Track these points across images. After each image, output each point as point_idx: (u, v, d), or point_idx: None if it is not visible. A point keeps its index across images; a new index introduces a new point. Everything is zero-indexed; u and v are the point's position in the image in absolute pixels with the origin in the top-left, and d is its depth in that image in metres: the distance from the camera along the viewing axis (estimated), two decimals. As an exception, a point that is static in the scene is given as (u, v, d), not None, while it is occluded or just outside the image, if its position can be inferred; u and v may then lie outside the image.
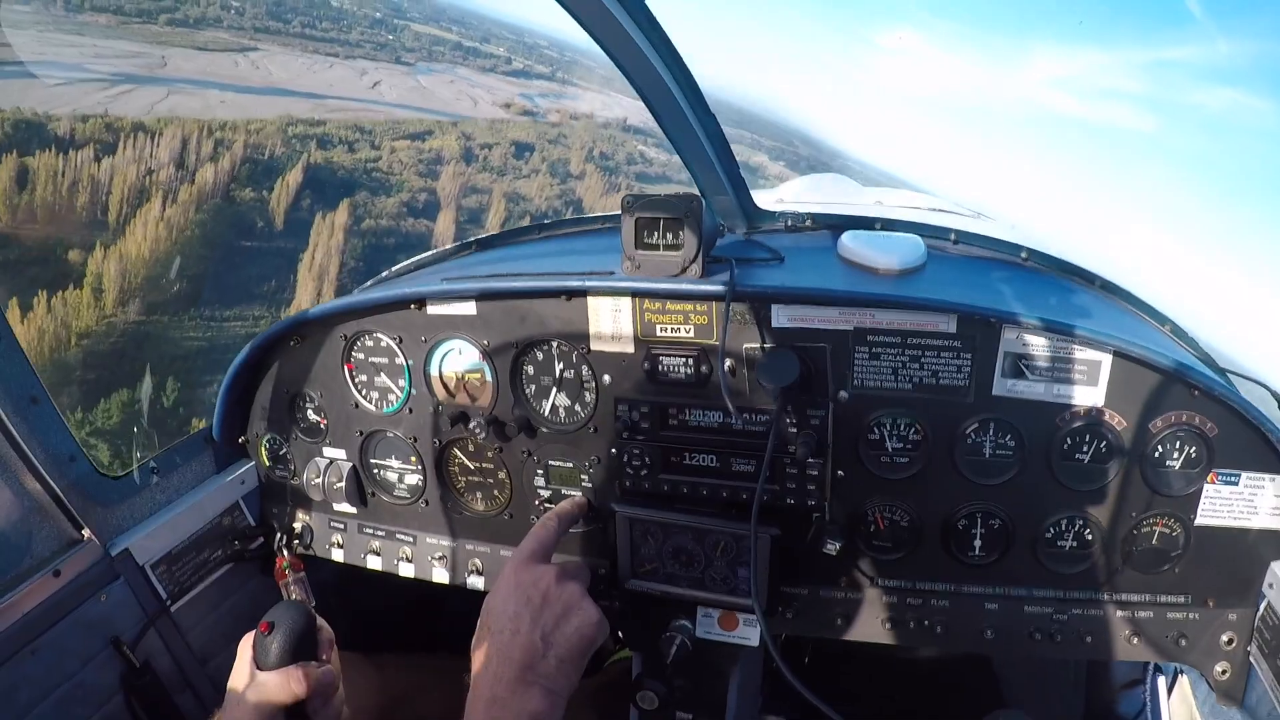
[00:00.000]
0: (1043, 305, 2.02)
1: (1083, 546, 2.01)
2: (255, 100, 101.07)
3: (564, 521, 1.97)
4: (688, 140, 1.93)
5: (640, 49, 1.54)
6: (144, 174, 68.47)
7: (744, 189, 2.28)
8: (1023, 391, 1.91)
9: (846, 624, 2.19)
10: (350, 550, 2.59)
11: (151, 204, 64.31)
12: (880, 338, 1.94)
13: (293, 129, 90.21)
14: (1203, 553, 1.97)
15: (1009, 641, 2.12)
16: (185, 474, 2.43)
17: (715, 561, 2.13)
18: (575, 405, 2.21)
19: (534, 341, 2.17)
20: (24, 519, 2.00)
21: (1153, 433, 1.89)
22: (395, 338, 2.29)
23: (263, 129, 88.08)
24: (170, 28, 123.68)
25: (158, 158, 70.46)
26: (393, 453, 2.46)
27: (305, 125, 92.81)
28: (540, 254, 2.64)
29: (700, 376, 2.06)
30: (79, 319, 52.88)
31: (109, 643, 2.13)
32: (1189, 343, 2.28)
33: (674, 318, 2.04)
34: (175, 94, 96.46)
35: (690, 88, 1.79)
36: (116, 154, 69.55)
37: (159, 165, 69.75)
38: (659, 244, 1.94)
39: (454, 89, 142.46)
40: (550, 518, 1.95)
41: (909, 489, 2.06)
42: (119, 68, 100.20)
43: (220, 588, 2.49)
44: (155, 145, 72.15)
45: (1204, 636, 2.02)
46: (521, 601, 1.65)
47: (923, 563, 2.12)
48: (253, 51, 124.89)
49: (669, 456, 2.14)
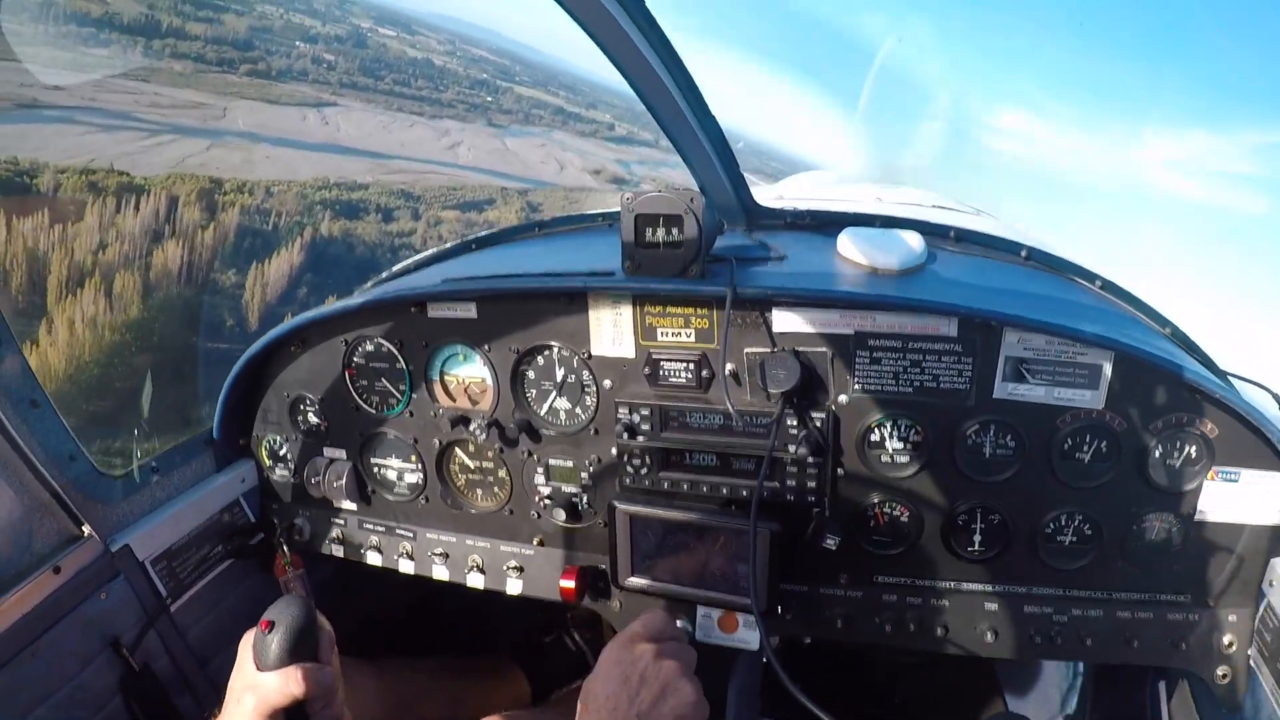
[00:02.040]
0: (1044, 308, 1.95)
1: (1082, 542, 1.95)
2: (303, 157, 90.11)
3: (670, 626, 1.81)
4: (687, 137, 1.88)
5: (638, 48, 1.51)
6: (97, 248, 55.21)
7: (743, 186, 2.24)
8: (1023, 394, 1.87)
9: (846, 624, 2.13)
10: (350, 547, 2.54)
11: (92, 288, 47.91)
12: (881, 341, 1.89)
13: (324, 192, 77.68)
14: (1203, 551, 1.92)
15: (1009, 643, 2.05)
16: (185, 473, 2.37)
17: (715, 558, 2.07)
18: (576, 408, 2.17)
19: (535, 347, 2.12)
20: (24, 516, 1.94)
21: (1153, 434, 1.84)
22: (396, 343, 2.24)
23: (287, 191, 75.89)
24: (248, 79, 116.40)
25: (128, 226, 58.01)
26: (393, 452, 2.41)
27: (342, 189, 79.13)
28: (540, 252, 2.59)
29: (701, 380, 2.02)
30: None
31: (109, 644, 2.08)
32: (1189, 345, 2.22)
33: (675, 321, 2.00)
34: (218, 147, 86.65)
35: (689, 86, 1.74)
36: (85, 217, 57.76)
37: (126, 235, 57.21)
38: (659, 241, 1.88)
39: (543, 153, 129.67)
40: (660, 615, 1.80)
41: (909, 486, 2.00)
42: (170, 118, 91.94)
43: (220, 585, 2.44)
44: (138, 209, 60.08)
45: (1204, 639, 1.96)
46: (618, 681, 1.59)
47: (922, 558, 2.06)
48: (329, 107, 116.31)
49: (669, 457, 2.11)
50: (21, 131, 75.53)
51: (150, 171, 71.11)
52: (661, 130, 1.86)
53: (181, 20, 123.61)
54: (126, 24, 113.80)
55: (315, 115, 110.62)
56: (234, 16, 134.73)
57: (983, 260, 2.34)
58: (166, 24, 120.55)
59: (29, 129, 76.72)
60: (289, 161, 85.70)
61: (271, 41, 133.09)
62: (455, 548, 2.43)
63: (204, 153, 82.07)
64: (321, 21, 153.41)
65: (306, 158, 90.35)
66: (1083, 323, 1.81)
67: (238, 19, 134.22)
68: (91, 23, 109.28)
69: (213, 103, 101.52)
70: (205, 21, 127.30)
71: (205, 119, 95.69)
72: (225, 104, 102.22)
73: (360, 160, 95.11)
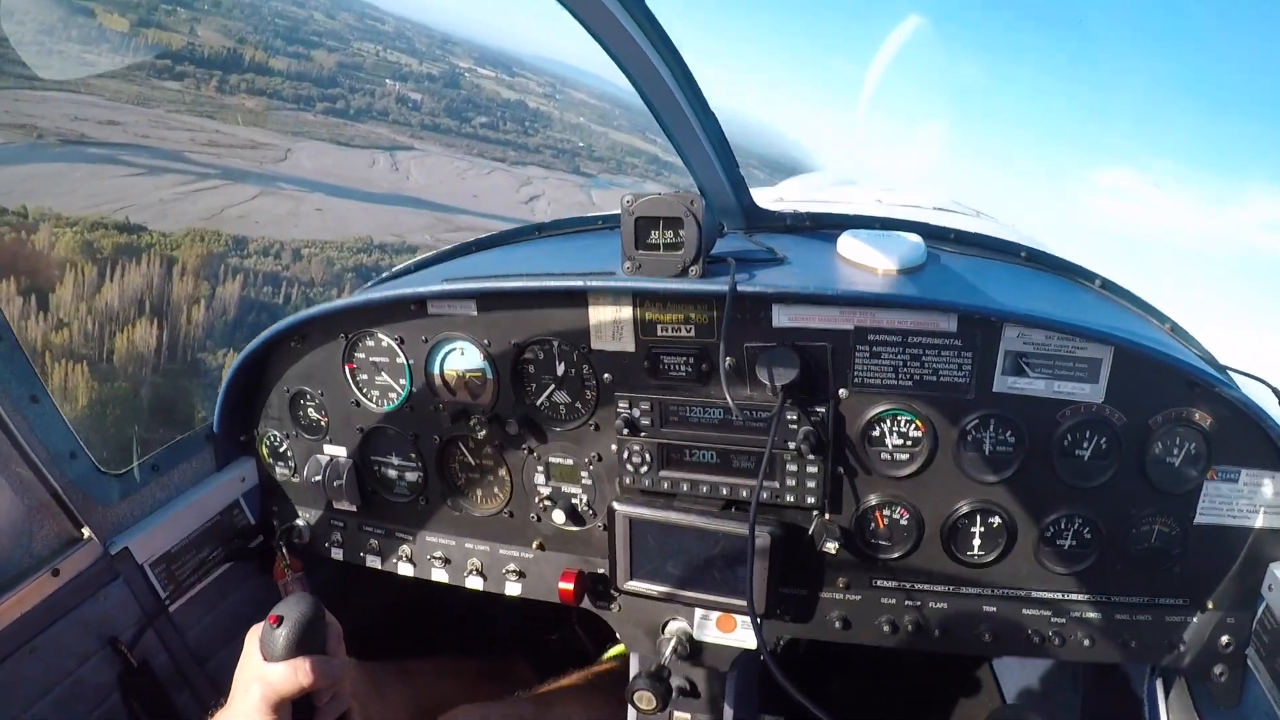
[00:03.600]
0: (1043, 303, 1.94)
1: (1082, 545, 1.94)
2: (359, 210, 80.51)
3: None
4: (687, 139, 1.84)
5: (640, 47, 1.49)
6: (55, 327, 44.81)
7: (744, 188, 2.19)
8: (1023, 388, 1.86)
9: (845, 626, 2.11)
10: (349, 549, 2.50)
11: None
12: (881, 337, 1.88)
13: (360, 256, 66.82)
14: (1202, 553, 1.91)
15: (1008, 644, 2.05)
16: (185, 471, 2.33)
17: (714, 561, 2.04)
18: (576, 403, 2.14)
19: (535, 341, 2.10)
20: (24, 517, 1.92)
21: (1152, 428, 1.83)
22: (396, 338, 2.20)
23: (319, 253, 66.06)
24: (323, 117, 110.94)
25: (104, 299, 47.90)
26: (393, 449, 2.37)
27: (384, 252, 67.51)
28: (541, 254, 2.55)
29: (701, 374, 1.99)
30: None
31: (107, 642, 2.06)
32: (1189, 340, 2.20)
33: (675, 317, 1.98)
34: (267, 195, 78.31)
35: (690, 86, 1.70)
36: (62, 284, 48.46)
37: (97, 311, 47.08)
38: (659, 244, 1.87)
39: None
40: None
41: (909, 486, 1.98)
42: (224, 159, 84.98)
43: (219, 586, 2.41)
44: (124, 278, 50.60)
45: (1202, 639, 1.96)
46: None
47: (922, 562, 2.04)
48: (403, 151, 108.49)
49: (669, 454, 2.07)
50: (54, 172, 68.97)
51: (174, 225, 62.84)
52: (662, 131, 1.79)
53: (267, 55, 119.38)
54: (206, 57, 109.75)
55: (385, 160, 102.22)
56: (324, 53, 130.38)
57: (983, 260, 2.32)
58: (249, 58, 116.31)
59: (65, 169, 70.16)
60: (341, 214, 76.49)
61: (358, 79, 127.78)
62: (455, 551, 2.39)
63: (249, 202, 73.92)
64: (419, 60, 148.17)
65: (362, 210, 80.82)
66: (1082, 318, 1.79)
67: (328, 55, 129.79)
68: (170, 55, 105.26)
69: (276, 143, 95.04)
70: (294, 57, 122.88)
71: (262, 162, 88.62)
72: (290, 145, 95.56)
73: (420, 214, 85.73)
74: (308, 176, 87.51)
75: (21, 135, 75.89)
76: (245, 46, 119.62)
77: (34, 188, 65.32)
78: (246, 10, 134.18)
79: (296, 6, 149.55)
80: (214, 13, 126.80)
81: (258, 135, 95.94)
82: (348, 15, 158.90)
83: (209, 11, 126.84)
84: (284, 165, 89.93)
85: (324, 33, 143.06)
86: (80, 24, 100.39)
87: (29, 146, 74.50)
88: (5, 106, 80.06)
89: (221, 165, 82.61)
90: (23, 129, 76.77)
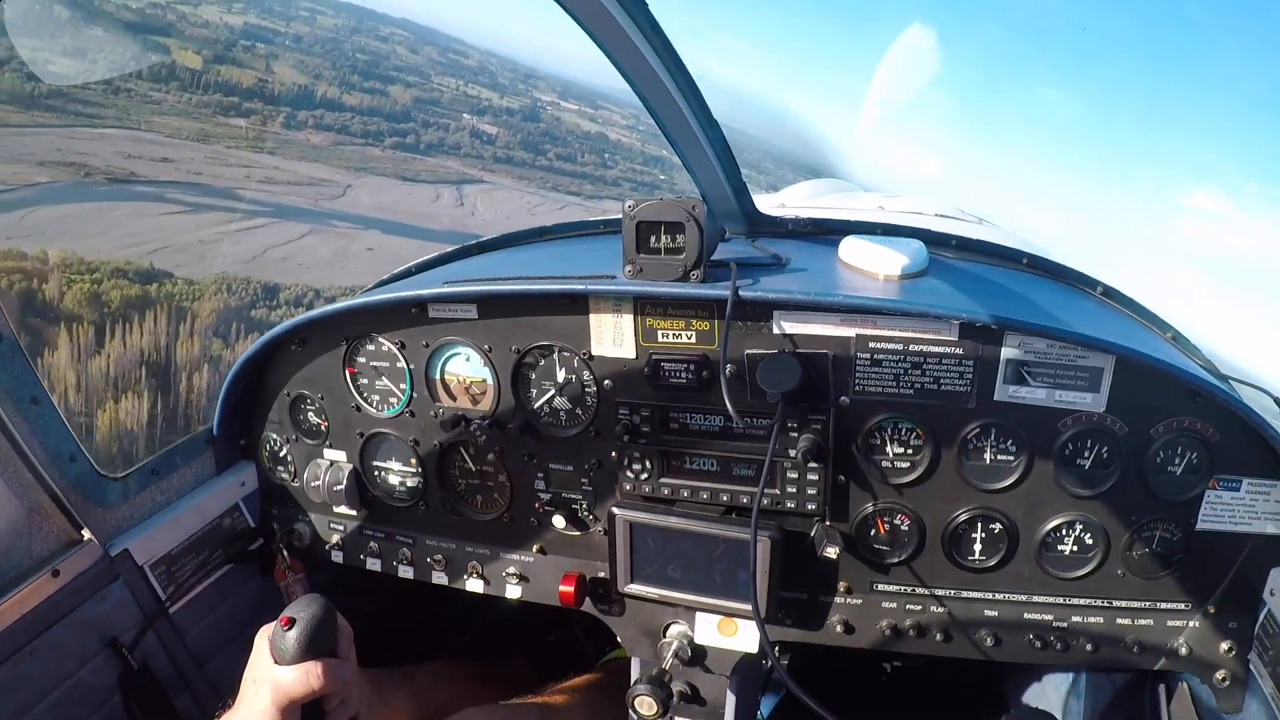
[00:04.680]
0: (1045, 312, 1.93)
1: (1083, 551, 1.92)
2: (412, 248, 71.77)
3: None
4: (690, 144, 1.82)
5: (642, 53, 1.47)
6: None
7: (745, 193, 2.17)
8: (1024, 397, 1.84)
9: (847, 630, 2.10)
10: (349, 552, 2.48)
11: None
12: (882, 344, 1.86)
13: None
14: (1203, 559, 1.89)
15: (1009, 648, 2.03)
16: (185, 475, 2.31)
17: (715, 566, 2.03)
18: (577, 409, 2.11)
19: (536, 347, 2.07)
20: (24, 519, 1.90)
21: (1154, 438, 1.81)
22: (397, 342, 2.18)
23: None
24: (391, 152, 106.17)
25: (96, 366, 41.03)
26: (393, 455, 2.34)
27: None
28: (542, 257, 2.51)
29: (702, 381, 1.97)
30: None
31: (107, 643, 2.05)
32: (1190, 349, 2.19)
33: (675, 324, 1.96)
34: (316, 234, 72.14)
35: (692, 92, 1.69)
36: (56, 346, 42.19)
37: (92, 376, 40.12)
38: (660, 248, 1.85)
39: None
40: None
41: (910, 493, 1.96)
42: (277, 196, 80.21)
43: (219, 589, 2.39)
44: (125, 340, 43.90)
45: (1204, 645, 1.94)
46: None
47: (923, 567, 2.02)
48: (471, 185, 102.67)
49: (669, 461, 2.06)
50: (94, 211, 64.60)
51: (207, 269, 56.67)
52: (664, 137, 1.77)
53: (341, 90, 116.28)
54: (276, 93, 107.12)
55: (451, 194, 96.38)
56: (401, 88, 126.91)
57: (984, 267, 2.30)
58: (321, 94, 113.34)
59: (107, 207, 65.76)
60: (394, 252, 68.60)
61: (433, 113, 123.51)
62: (455, 555, 2.36)
63: (295, 241, 67.81)
64: (500, 94, 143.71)
65: (417, 248, 73.32)
66: (1084, 326, 1.77)
67: (404, 90, 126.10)
68: (240, 91, 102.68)
69: (336, 179, 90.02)
70: (369, 92, 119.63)
71: (317, 199, 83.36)
72: (350, 180, 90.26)
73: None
74: (364, 213, 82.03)
75: (70, 173, 72.43)
76: (320, 82, 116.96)
77: (68, 228, 60.98)
78: (328, 46, 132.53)
79: (379, 41, 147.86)
80: (294, 49, 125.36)
81: (318, 171, 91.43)
82: (431, 50, 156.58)
83: (290, 48, 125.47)
84: (340, 202, 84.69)
85: (405, 68, 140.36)
86: (153, 61, 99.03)
87: (75, 185, 70.77)
88: (59, 144, 77.47)
89: (274, 202, 77.96)
90: (72, 166, 73.61)
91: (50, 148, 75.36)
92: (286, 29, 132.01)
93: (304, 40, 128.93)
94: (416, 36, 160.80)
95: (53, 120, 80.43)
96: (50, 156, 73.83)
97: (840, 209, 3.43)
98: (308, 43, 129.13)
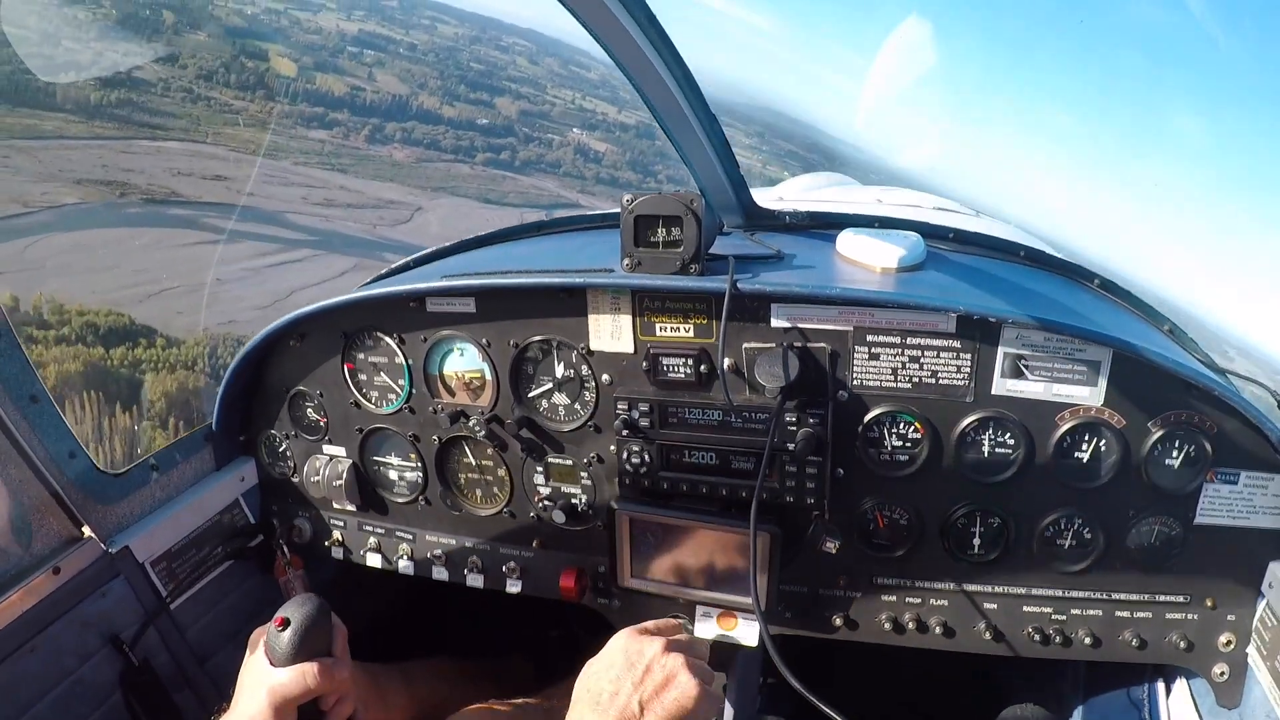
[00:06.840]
0: (1042, 305, 1.93)
1: (1081, 545, 1.92)
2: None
3: (681, 629, 1.79)
4: (687, 138, 1.83)
5: (640, 48, 1.48)
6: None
7: (743, 187, 2.18)
8: (1022, 391, 1.84)
9: (846, 623, 2.11)
10: (350, 548, 2.48)
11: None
12: (880, 337, 1.86)
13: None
14: (1202, 552, 1.88)
15: (1008, 642, 2.03)
16: (185, 471, 2.30)
17: (714, 559, 2.03)
18: (575, 404, 2.11)
19: (534, 341, 2.07)
20: (24, 516, 1.91)
21: (1151, 431, 1.80)
22: (395, 337, 2.17)
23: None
24: (481, 169, 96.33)
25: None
26: (393, 450, 2.34)
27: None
28: (540, 251, 2.50)
29: (700, 376, 1.96)
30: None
31: (108, 640, 2.05)
32: (1188, 343, 2.20)
33: (674, 318, 1.96)
34: (361, 268, 61.26)
35: (690, 86, 1.69)
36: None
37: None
38: (659, 241, 1.84)
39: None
40: (679, 624, 1.83)
41: (908, 487, 1.96)
42: (332, 222, 70.82)
43: (220, 585, 2.39)
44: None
45: (1203, 638, 1.94)
46: (623, 666, 1.56)
47: (922, 561, 2.02)
48: (565, 208, 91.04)
49: (669, 455, 2.04)
50: (109, 239, 56.88)
51: (205, 320, 46.59)
52: (661, 130, 1.79)
53: (440, 102, 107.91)
54: (368, 104, 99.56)
55: (535, 219, 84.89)
56: (509, 100, 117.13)
57: (982, 260, 2.29)
58: (418, 105, 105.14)
59: (126, 234, 58.02)
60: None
61: (539, 127, 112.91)
62: (455, 550, 2.37)
63: (329, 282, 56.98)
64: (618, 108, 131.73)
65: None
66: (1081, 319, 1.77)
67: (512, 103, 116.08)
68: (330, 102, 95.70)
69: (408, 200, 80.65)
70: (474, 104, 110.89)
71: (377, 224, 73.86)
72: (423, 203, 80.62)
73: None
74: (425, 243, 71.13)
75: (104, 193, 66.15)
76: (421, 93, 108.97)
77: (74, 261, 53.59)
78: (442, 54, 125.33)
79: (499, 51, 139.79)
80: (405, 57, 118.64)
81: (388, 191, 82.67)
82: (553, 61, 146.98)
83: (401, 56, 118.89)
84: (402, 229, 74.85)
85: (520, 79, 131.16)
86: (248, 69, 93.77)
87: (104, 207, 64.31)
88: (107, 159, 71.83)
89: (325, 230, 69.00)
90: (110, 185, 67.37)
91: (95, 163, 69.51)
92: (404, 36, 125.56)
93: (418, 49, 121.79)
94: (539, 47, 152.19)
95: (112, 131, 75.08)
96: (91, 173, 67.71)
97: (838, 202, 3.46)
98: (421, 51, 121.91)
